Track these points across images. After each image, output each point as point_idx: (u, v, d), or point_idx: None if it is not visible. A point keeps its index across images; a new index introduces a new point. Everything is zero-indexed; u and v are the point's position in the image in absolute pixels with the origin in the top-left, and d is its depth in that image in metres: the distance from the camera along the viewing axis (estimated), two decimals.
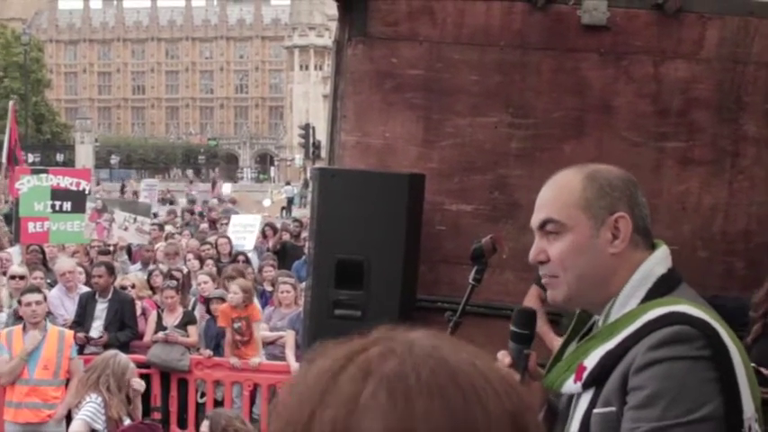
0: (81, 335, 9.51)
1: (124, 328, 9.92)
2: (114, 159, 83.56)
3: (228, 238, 14.93)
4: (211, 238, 15.27)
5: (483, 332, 4.94)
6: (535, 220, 2.31)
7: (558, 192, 2.28)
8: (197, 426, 9.32)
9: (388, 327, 1.01)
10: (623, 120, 5.12)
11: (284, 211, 39.00)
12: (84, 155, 72.64)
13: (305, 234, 14.29)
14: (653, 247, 2.27)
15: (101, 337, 9.71)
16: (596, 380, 2.15)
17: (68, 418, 7.28)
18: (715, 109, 5.05)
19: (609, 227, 2.21)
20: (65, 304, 10.48)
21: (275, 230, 17.09)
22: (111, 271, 10.39)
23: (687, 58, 5.06)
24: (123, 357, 7.01)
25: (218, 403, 9.72)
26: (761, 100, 5.01)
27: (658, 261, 2.24)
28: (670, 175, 5.00)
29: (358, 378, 0.93)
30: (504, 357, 2.28)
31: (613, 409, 2.10)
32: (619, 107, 5.13)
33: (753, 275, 4.75)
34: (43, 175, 12.52)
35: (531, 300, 4.75)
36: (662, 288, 2.20)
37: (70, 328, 9.35)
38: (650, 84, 5.10)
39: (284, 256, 14.68)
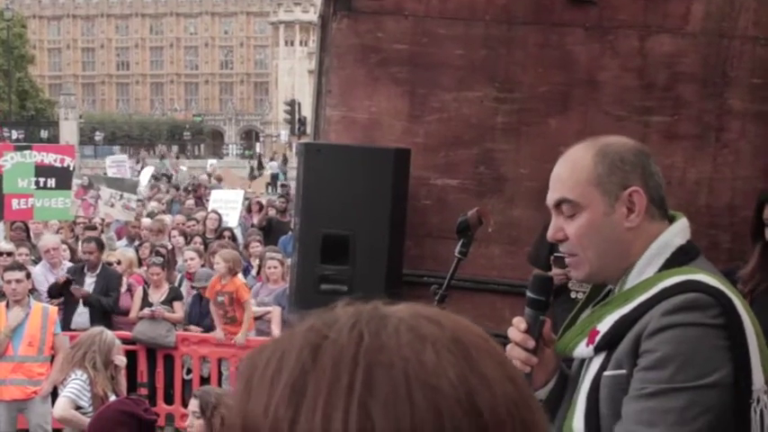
0: (64, 276, 9.60)
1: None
2: (99, 136, 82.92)
3: (218, 213, 14.88)
4: (198, 215, 15.23)
5: (470, 306, 5.00)
6: (550, 199, 2.31)
7: (571, 169, 2.28)
8: (183, 401, 9.35)
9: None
10: (608, 94, 5.12)
11: (269, 188, 38.92)
12: (69, 131, 72.12)
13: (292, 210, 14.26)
14: (669, 216, 2.29)
15: (82, 288, 9.75)
16: (609, 343, 2.17)
17: (54, 394, 7.27)
18: (700, 83, 5.06)
19: (623, 202, 2.22)
20: (49, 280, 10.45)
21: (261, 207, 17.04)
22: (100, 246, 10.41)
23: (673, 32, 5.06)
24: (109, 334, 7.00)
25: (204, 379, 9.73)
26: (746, 74, 5.01)
27: (677, 232, 2.26)
28: (655, 150, 4.93)
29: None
30: (519, 323, 2.30)
31: (624, 371, 2.12)
32: (604, 82, 5.13)
33: (738, 248, 4.77)
34: (27, 152, 12.45)
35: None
36: (680, 258, 2.22)
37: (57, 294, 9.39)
38: (636, 58, 5.10)
39: (270, 231, 14.66)
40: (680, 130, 5.08)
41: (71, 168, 12.79)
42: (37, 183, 12.19)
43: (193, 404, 5.45)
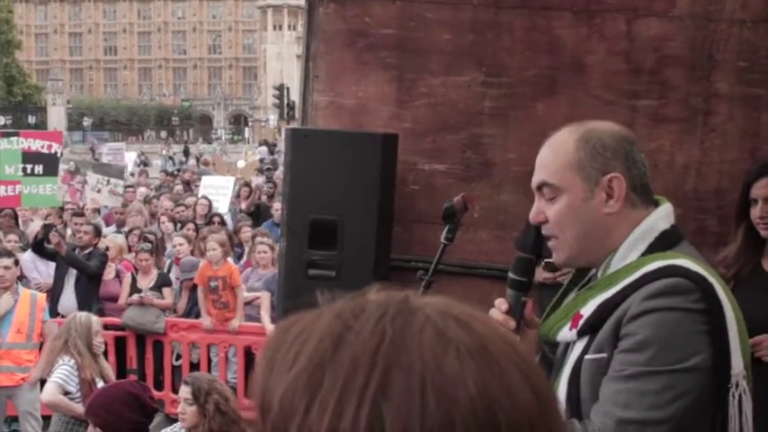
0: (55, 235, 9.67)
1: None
2: (87, 121, 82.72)
3: (208, 199, 14.84)
4: (187, 200, 15.20)
5: (459, 291, 5.00)
6: (533, 182, 2.33)
7: (553, 153, 2.29)
8: (173, 387, 9.35)
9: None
10: (596, 78, 5.11)
11: (258, 173, 38.80)
12: (57, 117, 72.01)
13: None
14: (654, 203, 2.30)
15: (58, 236, 9.85)
16: (591, 327, 2.19)
17: (43, 381, 7.27)
18: (687, 67, 5.05)
19: (603, 187, 2.23)
20: (38, 267, 10.46)
21: (249, 192, 17.01)
22: (97, 233, 10.44)
23: (660, 15, 5.05)
24: (83, 315, 7.04)
25: (193, 365, 9.74)
26: (733, 57, 5.01)
27: (661, 217, 2.28)
28: (642, 134, 5.00)
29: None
30: (501, 304, 2.32)
31: (605, 355, 2.14)
32: (591, 65, 5.12)
33: (725, 232, 4.77)
34: (14, 138, 12.39)
35: None
36: (663, 243, 2.23)
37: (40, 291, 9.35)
38: (623, 42, 5.09)
39: (258, 217, 14.65)
40: (667, 114, 5.08)
41: (59, 155, 12.74)
42: (24, 169, 12.13)
43: (185, 391, 5.42)
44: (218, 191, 16.61)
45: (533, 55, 5.18)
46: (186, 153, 46.72)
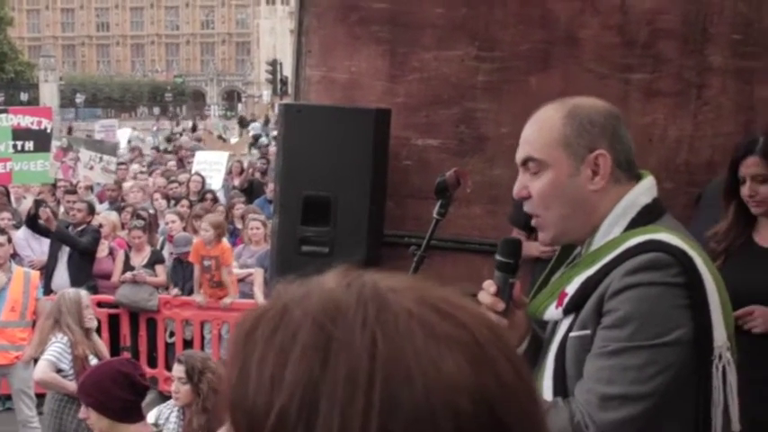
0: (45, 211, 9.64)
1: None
2: (80, 98, 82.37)
3: (201, 176, 14.80)
4: (180, 177, 15.16)
5: (452, 266, 5.00)
6: (518, 157, 2.33)
7: (539, 129, 2.29)
8: (167, 365, 9.36)
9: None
10: (589, 52, 5.09)
11: (251, 148, 38.75)
12: (49, 94, 71.65)
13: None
14: (638, 179, 2.29)
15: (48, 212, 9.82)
16: (576, 305, 2.20)
17: (37, 361, 7.27)
18: (681, 40, 5.03)
19: (589, 164, 2.22)
20: (31, 245, 10.45)
21: (242, 168, 16.98)
22: (91, 210, 10.41)
23: None
24: (71, 291, 7.03)
25: (187, 342, 9.75)
26: (727, 30, 4.99)
27: (642, 191, 2.27)
28: (636, 107, 4.99)
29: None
30: (489, 286, 2.31)
31: (588, 332, 2.14)
32: (585, 39, 5.09)
33: None
34: (3, 115, 12.29)
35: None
36: (645, 218, 2.23)
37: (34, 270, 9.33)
38: (616, 15, 5.06)
39: (251, 193, 14.63)
40: (661, 88, 5.06)
41: (48, 130, 12.66)
42: (15, 146, 12.06)
43: (178, 370, 5.42)
44: (211, 166, 16.51)
45: (526, 29, 5.15)
46: (194, 129, 46.57)
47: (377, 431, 0.75)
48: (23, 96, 68.93)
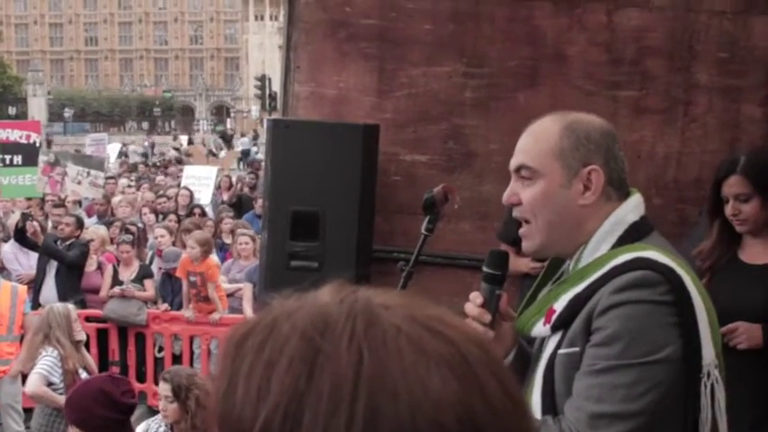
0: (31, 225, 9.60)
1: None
2: (68, 113, 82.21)
3: (190, 190, 14.78)
4: (169, 192, 15.14)
5: (441, 282, 5.00)
6: (512, 164, 2.32)
7: (536, 139, 2.29)
8: (155, 379, 9.32)
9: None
10: (577, 69, 5.12)
11: (240, 163, 38.75)
12: (37, 108, 71.62)
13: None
14: (627, 197, 2.30)
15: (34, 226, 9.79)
16: (564, 322, 2.19)
17: (24, 376, 7.23)
18: (667, 57, 5.06)
19: (581, 178, 2.23)
20: (19, 259, 10.41)
21: (231, 183, 16.96)
22: (79, 225, 10.38)
23: (640, 6, 5.06)
24: (59, 305, 7.03)
25: (176, 357, 9.72)
26: (713, 48, 5.03)
27: (630, 209, 2.27)
28: (624, 124, 5.01)
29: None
30: (476, 298, 2.31)
31: (577, 349, 2.14)
32: (572, 56, 5.12)
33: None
34: None
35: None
36: (633, 235, 2.23)
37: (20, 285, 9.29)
38: (603, 32, 5.09)
39: (240, 208, 14.61)
40: (648, 105, 5.09)
41: (37, 145, 12.66)
42: (3, 160, 12.06)
43: (165, 388, 5.38)
44: (200, 181, 16.50)
45: (514, 45, 5.18)
46: (190, 142, 46.64)
47: None
48: (11, 110, 68.84)
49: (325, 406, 0.76)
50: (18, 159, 12.09)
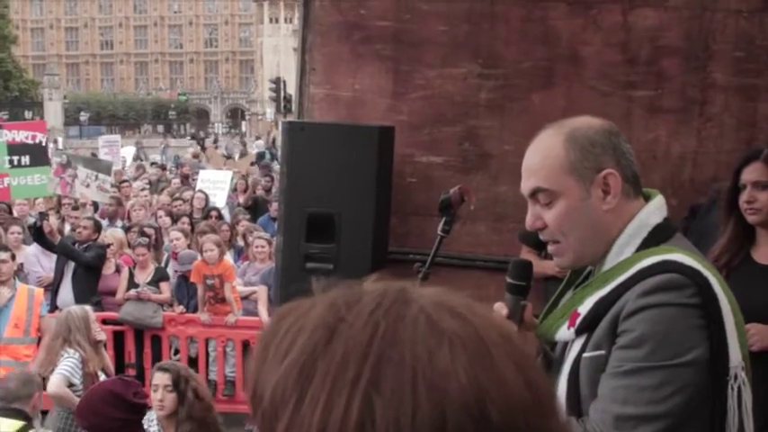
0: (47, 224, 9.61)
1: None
2: (84, 116, 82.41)
3: (205, 193, 14.80)
4: (185, 194, 15.16)
5: (456, 283, 4.99)
6: (524, 189, 2.29)
7: (543, 158, 2.26)
8: None
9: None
10: (592, 69, 5.11)
11: (255, 166, 38.75)
12: (53, 112, 71.79)
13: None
14: (643, 193, 2.29)
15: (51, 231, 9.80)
16: (589, 326, 2.18)
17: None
18: (683, 57, 5.05)
19: (598, 185, 2.21)
20: (41, 261, 10.44)
21: (246, 186, 16.98)
22: (97, 228, 10.40)
23: (655, 6, 5.05)
24: (77, 308, 7.03)
25: (191, 360, 9.73)
26: (729, 48, 5.01)
27: (653, 211, 2.26)
28: (639, 124, 5.00)
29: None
30: (500, 309, 2.31)
31: (603, 352, 2.13)
32: (587, 57, 5.11)
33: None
34: None
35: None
36: (657, 237, 2.22)
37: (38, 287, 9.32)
38: (619, 32, 5.08)
39: (256, 210, 14.62)
40: (664, 104, 5.08)
41: (44, 144, 12.66)
42: (11, 161, 12.07)
43: (164, 378, 5.36)
44: (215, 185, 16.53)
45: (529, 46, 5.17)
46: (216, 141, 47.01)
47: (360, 401, 0.78)
48: (28, 114, 69.06)
49: (335, 367, 0.81)
50: (26, 160, 12.10)
